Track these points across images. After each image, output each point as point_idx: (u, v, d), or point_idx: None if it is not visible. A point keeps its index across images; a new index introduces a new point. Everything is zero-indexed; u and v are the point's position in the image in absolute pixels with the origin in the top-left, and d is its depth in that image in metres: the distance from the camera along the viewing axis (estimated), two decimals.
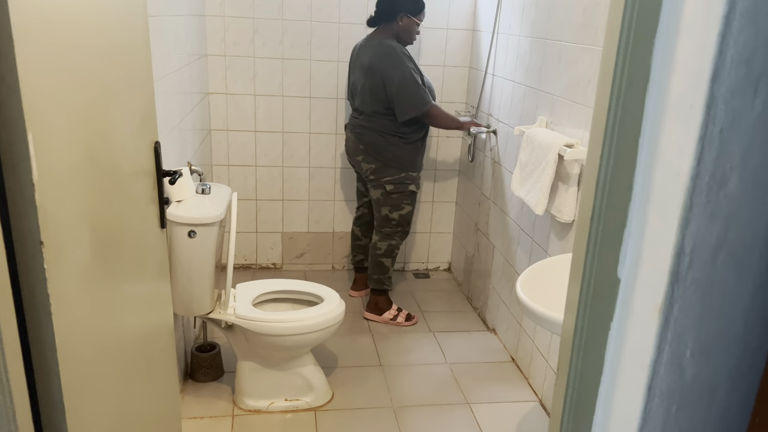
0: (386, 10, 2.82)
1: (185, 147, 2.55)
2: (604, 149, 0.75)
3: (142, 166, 1.38)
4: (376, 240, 3.03)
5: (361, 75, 2.85)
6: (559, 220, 2.17)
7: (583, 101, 2.09)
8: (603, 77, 0.76)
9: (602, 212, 0.77)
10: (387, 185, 2.89)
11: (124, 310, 1.25)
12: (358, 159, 2.94)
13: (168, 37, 2.20)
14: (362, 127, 2.89)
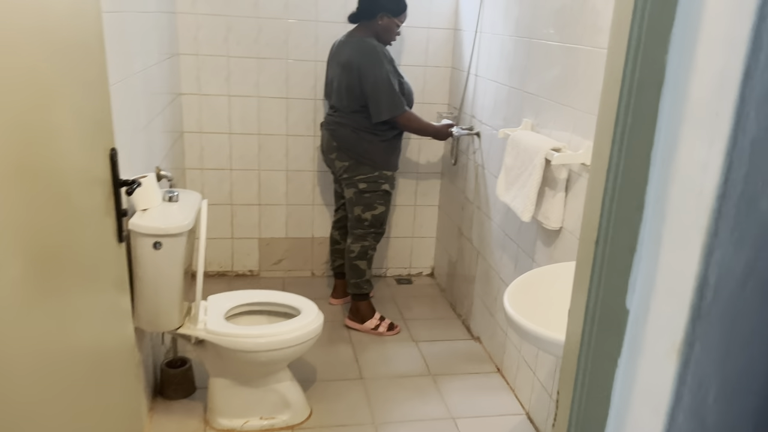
0: (367, 8, 2.73)
1: (154, 150, 2.41)
2: (611, 163, 0.65)
3: (95, 175, 1.26)
4: (350, 242, 2.93)
5: (338, 71, 2.75)
6: (545, 226, 2.08)
7: (570, 103, 2.00)
8: (609, 79, 0.66)
9: (608, 234, 0.67)
10: (360, 184, 2.80)
11: (71, 328, 1.12)
12: (332, 157, 2.84)
13: (133, 35, 2.07)
14: (337, 124, 2.80)
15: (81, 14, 1.14)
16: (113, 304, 1.42)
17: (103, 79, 1.27)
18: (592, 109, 1.87)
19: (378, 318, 2.96)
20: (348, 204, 2.88)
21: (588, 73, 1.89)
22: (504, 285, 2.55)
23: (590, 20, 1.88)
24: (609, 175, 0.65)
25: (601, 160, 0.66)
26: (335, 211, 3.15)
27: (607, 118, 0.66)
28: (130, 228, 1.79)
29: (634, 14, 0.61)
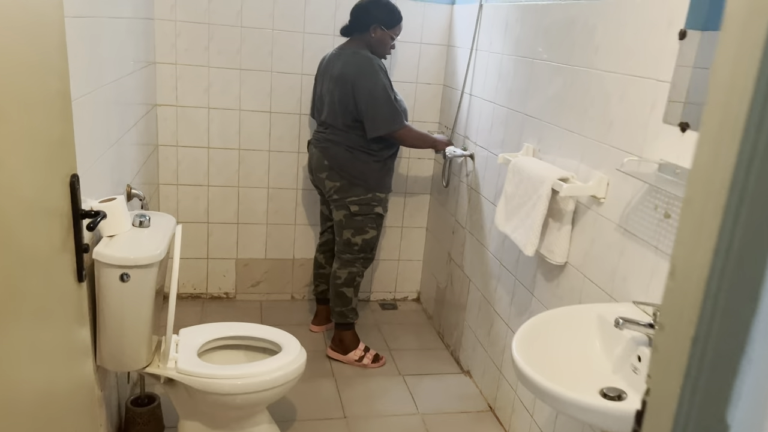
0: (359, 20, 2.59)
1: (126, 165, 2.22)
2: (722, 235, 0.50)
3: (50, 206, 1.08)
4: (336, 268, 2.75)
5: (330, 85, 2.59)
6: (549, 261, 1.94)
7: (577, 129, 1.87)
8: (717, 100, 0.51)
9: (711, 330, 0.52)
10: (352, 206, 2.63)
11: (15, 369, 0.94)
12: (321, 176, 2.67)
13: (106, 42, 1.88)
14: (328, 141, 2.63)
15: (38, 21, 0.96)
16: (69, 342, 1.23)
17: (64, 95, 1.08)
18: (603, 137, 1.74)
19: (362, 349, 2.78)
20: (337, 227, 2.72)
21: (598, 99, 1.76)
22: (498, 318, 2.41)
23: (600, 42, 1.75)
24: (717, 253, 0.50)
25: (706, 232, 0.51)
26: (321, 234, 2.98)
27: (708, 164, 0.51)
28: (94, 257, 1.60)
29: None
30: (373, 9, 2.57)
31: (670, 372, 0.55)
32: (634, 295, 1.59)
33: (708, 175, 0.52)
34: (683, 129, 1.42)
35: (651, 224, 1.53)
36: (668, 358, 0.56)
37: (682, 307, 0.54)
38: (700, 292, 0.52)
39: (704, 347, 0.52)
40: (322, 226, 2.96)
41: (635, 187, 1.59)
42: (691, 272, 0.53)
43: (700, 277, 0.52)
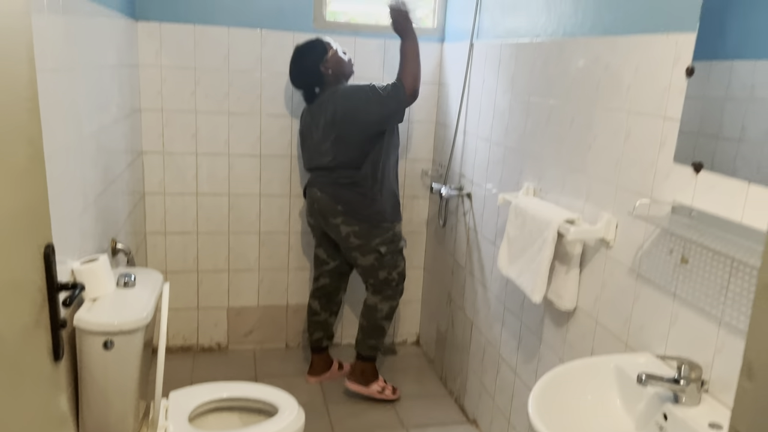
0: (308, 78, 2.62)
1: (111, 217, 2.12)
2: None
3: (22, 281, 0.98)
4: (376, 301, 2.71)
5: (326, 129, 2.55)
6: (557, 306, 1.85)
7: (581, 168, 1.80)
8: None
9: None
10: (381, 247, 2.62)
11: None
12: (335, 222, 2.59)
13: (88, 93, 1.80)
14: (337, 185, 2.57)
15: (5, 85, 0.88)
16: (46, 420, 1.12)
17: (36, 160, 1.00)
18: (608, 177, 1.67)
19: (382, 380, 2.77)
20: (368, 271, 2.67)
21: (602, 137, 1.70)
22: (505, 363, 2.30)
23: (601, 79, 1.69)
24: None
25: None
26: (315, 279, 2.87)
27: None
28: (75, 324, 1.49)
29: None
30: (306, 61, 2.60)
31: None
32: (652, 344, 1.49)
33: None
34: (697, 169, 1.35)
35: (667, 269, 1.44)
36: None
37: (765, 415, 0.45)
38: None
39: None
40: (317, 271, 2.86)
41: (647, 229, 1.52)
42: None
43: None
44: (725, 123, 1.31)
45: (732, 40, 1.30)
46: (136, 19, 2.67)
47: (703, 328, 1.33)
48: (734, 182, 1.25)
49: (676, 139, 1.42)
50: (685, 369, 1.27)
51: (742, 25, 1.27)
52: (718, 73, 1.33)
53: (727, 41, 1.30)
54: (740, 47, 1.28)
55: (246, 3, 2.77)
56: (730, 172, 1.27)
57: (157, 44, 2.72)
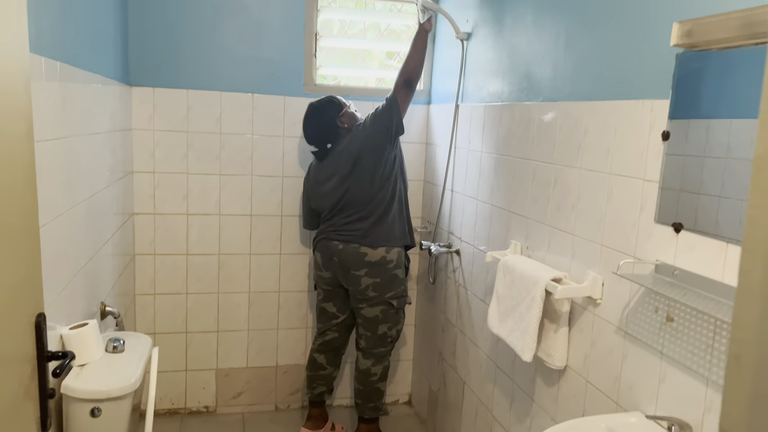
0: (326, 133, 2.70)
1: (101, 279, 2.12)
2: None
3: (13, 352, 0.98)
4: (369, 365, 2.70)
5: (344, 171, 2.62)
6: (548, 365, 1.85)
7: (566, 228, 1.84)
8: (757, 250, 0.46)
9: None
10: (393, 300, 2.64)
11: None
12: (358, 273, 2.60)
13: (82, 160, 1.84)
14: (361, 228, 2.60)
15: (4, 161, 0.91)
16: None
17: (31, 232, 1.02)
18: (593, 236, 1.71)
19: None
20: (370, 323, 2.67)
21: (585, 197, 1.75)
22: (498, 424, 2.27)
23: (582, 141, 1.76)
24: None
25: (763, 398, 0.45)
26: (321, 334, 2.84)
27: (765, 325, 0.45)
28: (62, 391, 1.47)
29: None
30: (324, 117, 2.68)
31: None
32: (642, 403, 1.50)
33: (759, 332, 0.46)
34: (677, 229, 1.39)
35: (653, 327, 1.46)
36: None
37: None
38: None
39: None
40: (324, 325, 2.82)
41: (632, 288, 1.54)
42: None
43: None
44: (705, 180, 1.35)
45: (707, 101, 1.36)
46: (130, 85, 2.74)
47: (692, 387, 1.34)
48: (714, 242, 1.29)
49: (656, 200, 1.46)
50: (676, 429, 1.28)
51: (715, 89, 1.33)
52: (696, 132, 1.38)
53: (703, 103, 1.37)
54: (715, 108, 1.34)
55: (238, 69, 2.86)
56: (712, 227, 1.30)
57: (150, 109, 2.79)
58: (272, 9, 2.86)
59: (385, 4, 3.07)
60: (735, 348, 0.48)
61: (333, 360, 2.85)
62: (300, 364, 3.16)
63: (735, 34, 1.17)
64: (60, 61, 1.59)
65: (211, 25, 2.80)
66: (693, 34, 1.28)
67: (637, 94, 1.54)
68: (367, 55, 3.19)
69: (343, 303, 2.77)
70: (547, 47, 1.96)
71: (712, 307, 1.23)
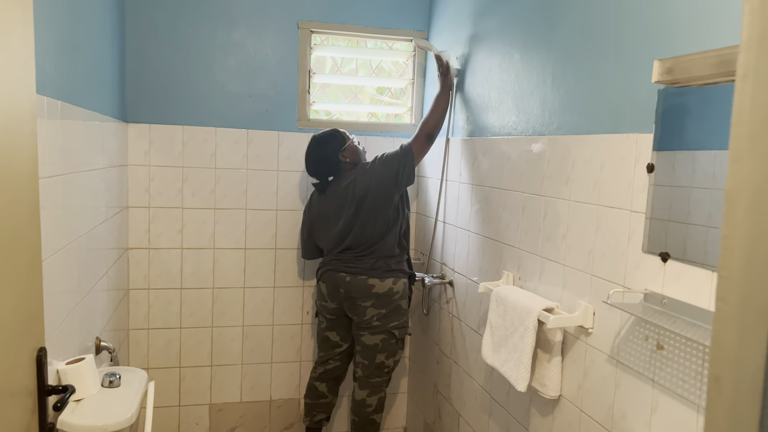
0: (328, 166, 2.73)
1: (96, 314, 2.13)
2: (764, 427, 0.46)
3: (15, 387, 0.99)
4: (364, 396, 2.69)
5: (349, 211, 2.64)
6: (542, 395, 1.86)
7: (557, 258, 1.88)
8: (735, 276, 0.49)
9: None
10: (394, 330, 2.65)
11: None
12: (365, 305, 2.62)
13: (79, 196, 1.87)
14: (369, 262, 2.63)
15: (10, 198, 0.94)
16: None
17: (35, 265, 1.04)
18: (584, 266, 1.74)
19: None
20: (369, 351, 2.66)
21: (574, 228, 1.79)
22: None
23: (573, 174, 1.80)
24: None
25: (743, 418, 0.48)
26: (323, 363, 2.83)
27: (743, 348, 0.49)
28: (58, 427, 1.47)
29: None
30: (326, 150, 2.70)
31: None
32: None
33: (736, 355, 0.49)
34: (664, 259, 1.43)
35: (644, 356, 1.49)
36: None
37: None
38: None
39: None
40: (326, 354, 2.82)
41: (623, 317, 1.57)
42: None
43: None
44: (693, 210, 1.39)
45: (691, 134, 1.41)
46: (127, 122, 2.78)
47: (683, 415, 1.36)
48: (700, 271, 1.33)
49: (643, 231, 1.51)
50: None
51: (698, 122, 1.39)
52: (683, 163, 1.43)
53: (688, 135, 1.42)
54: (700, 140, 1.39)
55: (233, 106, 2.92)
56: (701, 257, 1.34)
57: (146, 144, 2.83)
58: (266, 47, 2.94)
59: (376, 42, 3.15)
60: (715, 370, 0.51)
61: (333, 388, 2.86)
62: (294, 399, 3.14)
63: (712, 71, 1.23)
64: (61, 100, 1.63)
65: (206, 62, 2.86)
66: (673, 71, 1.34)
67: (622, 128, 1.60)
68: (359, 90, 3.26)
69: (347, 332, 2.78)
70: (535, 83, 2.03)
71: (700, 334, 1.26)
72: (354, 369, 2.77)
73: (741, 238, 0.48)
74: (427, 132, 2.65)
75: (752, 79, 0.47)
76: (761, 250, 0.46)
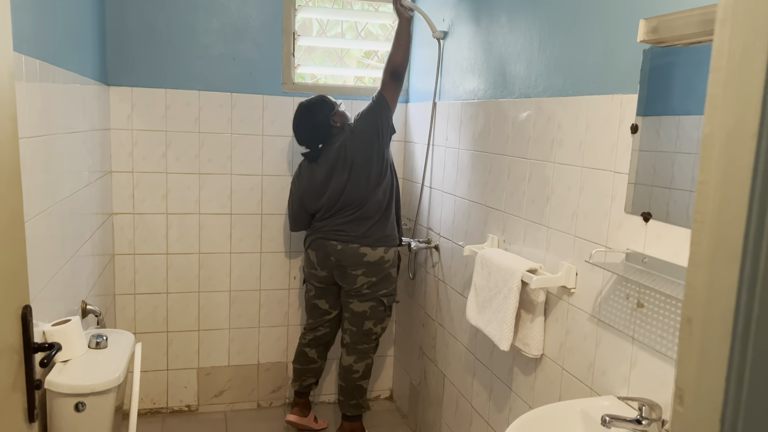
0: (320, 132, 2.70)
1: (81, 279, 2.12)
2: (733, 359, 0.48)
3: (1, 342, 0.99)
4: (351, 362, 2.73)
5: (341, 173, 2.63)
6: (525, 354, 1.90)
7: (541, 220, 1.90)
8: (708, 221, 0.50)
9: None
10: (383, 298, 2.69)
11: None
12: (355, 273, 2.63)
13: (60, 158, 1.84)
14: (361, 229, 2.63)
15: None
16: None
17: (17, 226, 1.03)
18: (567, 227, 1.76)
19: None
20: (357, 318, 2.70)
21: (558, 190, 1.80)
22: (477, 415, 2.32)
23: (555, 136, 1.81)
24: (729, 380, 0.48)
25: (713, 356, 0.49)
26: (312, 329, 2.86)
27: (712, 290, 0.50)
28: (46, 387, 1.48)
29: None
30: (318, 116, 2.67)
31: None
32: (615, 388, 1.55)
33: (707, 296, 0.50)
34: (646, 219, 1.45)
35: (624, 314, 1.52)
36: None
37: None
38: (715, 422, 0.49)
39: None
40: (316, 321, 2.84)
41: (604, 276, 1.60)
42: (702, 400, 0.50)
43: (713, 406, 0.49)
44: (676, 175, 1.41)
45: (677, 97, 1.42)
46: (108, 85, 2.74)
47: (661, 370, 1.40)
48: (680, 230, 1.35)
49: (626, 192, 1.52)
50: (646, 410, 1.33)
51: (684, 83, 1.39)
52: (667, 129, 1.44)
53: (673, 98, 1.43)
54: (685, 104, 1.40)
55: (217, 68, 2.87)
56: (683, 221, 1.36)
57: (128, 108, 2.79)
58: (250, 8, 2.88)
59: (363, 4, 3.10)
60: (687, 311, 0.52)
61: (323, 354, 2.90)
62: (282, 362, 3.18)
63: (697, 30, 1.23)
64: (39, 59, 1.60)
65: (188, 24, 2.81)
66: (659, 30, 1.33)
67: (607, 89, 1.60)
68: (345, 54, 3.22)
69: (336, 299, 2.81)
70: (522, 45, 2.01)
71: (679, 291, 1.29)
72: (342, 335, 2.80)
73: (715, 182, 0.49)
74: (391, 70, 2.62)
75: (730, 23, 0.48)
76: (734, 193, 0.47)
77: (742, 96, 0.47)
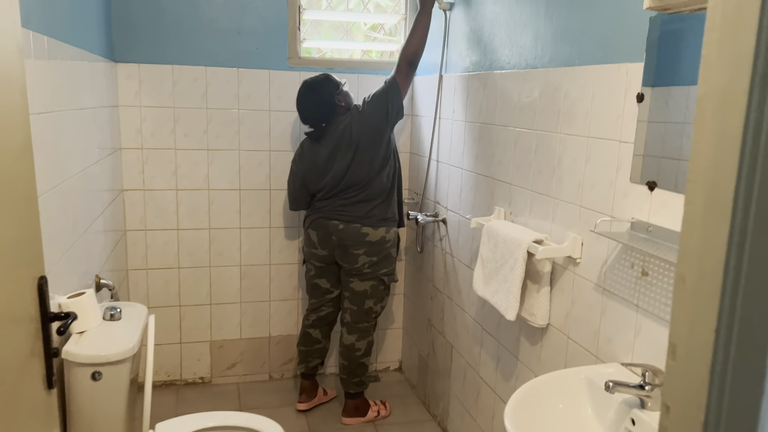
0: (325, 111, 2.67)
1: (94, 254, 2.16)
2: (722, 314, 0.49)
3: (18, 312, 1.03)
4: (353, 340, 2.77)
5: (345, 153, 2.63)
6: (531, 323, 1.92)
7: (547, 191, 1.90)
8: (702, 179, 0.51)
9: (720, 412, 0.51)
10: (384, 277, 2.72)
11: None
12: (357, 252, 2.65)
13: (70, 135, 1.87)
14: (364, 209, 2.64)
15: (1, 128, 0.94)
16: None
17: (30, 198, 1.06)
18: (573, 198, 1.77)
19: (374, 404, 2.90)
20: (358, 297, 2.73)
21: (564, 161, 1.80)
22: (485, 384, 2.36)
23: (562, 107, 1.81)
24: (719, 333, 0.50)
25: (704, 311, 0.51)
26: (314, 309, 2.89)
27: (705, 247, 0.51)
28: (63, 357, 1.52)
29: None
30: (322, 94, 2.65)
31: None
32: (619, 355, 1.58)
33: (700, 254, 0.52)
34: (651, 188, 1.45)
35: (629, 282, 1.54)
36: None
37: (688, 389, 0.53)
38: (705, 373, 0.51)
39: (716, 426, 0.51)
40: (318, 301, 2.87)
41: (609, 246, 1.61)
42: (693, 352, 0.52)
43: (703, 357, 0.51)
44: (685, 146, 1.41)
45: (686, 67, 1.41)
46: (115, 62, 2.75)
47: (664, 336, 1.41)
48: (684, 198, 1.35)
49: (631, 161, 1.52)
50: (649, 375, 1.35)
51: (693, 52, 1.38)
52: (676, 99, 1.43)
53: (682, 68, 1.42)
54: (692, 73, 1.39)
55: (222, 44, 2.87)
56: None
57: (136, 85, 2.80)
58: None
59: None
60: (681, 269, 0.54)
61: (327, 333, 2.94)
62: (292, 335, 3.23)
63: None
64: (47, 35, 1.61)
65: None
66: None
67: (614, 58, 1.59)
68: (352, 27, 3.20)
69: (336, 279, 2.83)
70: (528, 15, 2.00)
71: None
72: (342, 314, 2.84)
73: (708, 141, 0.50)
74: (407, 59, 2.61)
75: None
76: (726, 151, 0.48)
77: (735, 54, 0.48)
